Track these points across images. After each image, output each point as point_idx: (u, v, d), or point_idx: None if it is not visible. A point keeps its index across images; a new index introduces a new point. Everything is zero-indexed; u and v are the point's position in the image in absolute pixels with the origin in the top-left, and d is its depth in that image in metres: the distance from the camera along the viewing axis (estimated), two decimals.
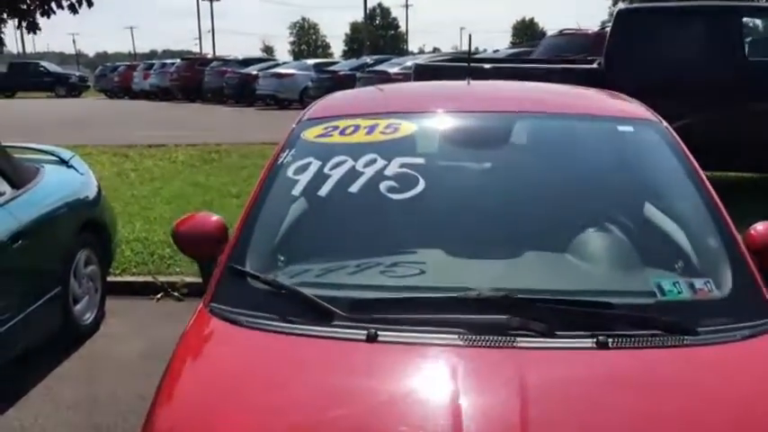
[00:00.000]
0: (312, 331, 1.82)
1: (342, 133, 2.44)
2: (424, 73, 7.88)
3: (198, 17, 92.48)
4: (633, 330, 1.77)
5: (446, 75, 7.24)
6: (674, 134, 2.47)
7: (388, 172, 2.26)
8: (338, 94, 3.15)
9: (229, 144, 12.07)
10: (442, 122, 2.60)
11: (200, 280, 2.31)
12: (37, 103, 26.63)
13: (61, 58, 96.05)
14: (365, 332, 1.77)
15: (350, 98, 3.20)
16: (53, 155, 5.14)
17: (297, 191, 2.26)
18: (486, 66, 7.98)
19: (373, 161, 2.29)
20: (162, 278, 5.62)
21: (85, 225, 4.76)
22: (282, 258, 2.16)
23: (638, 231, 2.23)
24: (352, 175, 2.26)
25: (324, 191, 2.24)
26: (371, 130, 2.43)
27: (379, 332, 1.77)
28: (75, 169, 5.07)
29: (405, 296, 1.90)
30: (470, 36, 3.54)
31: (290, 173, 2.33)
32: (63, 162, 5.08)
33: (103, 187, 8.62)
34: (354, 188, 2.23)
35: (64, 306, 4.39)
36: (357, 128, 2.45)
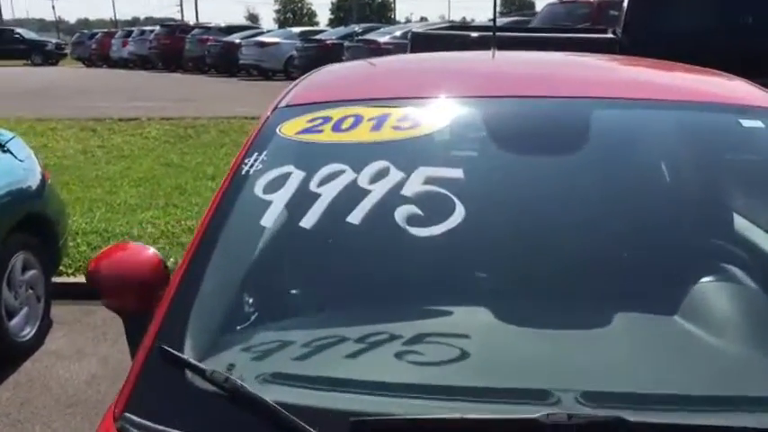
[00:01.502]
0: None
1: (336, 128, 1.66)
2: (421, 42, 7.10)
3: None
4: None
5: (447, 44, 6.52)
6: None
7: (407, 191, 1.48)
8: (330, 70, 2.32)
9: (207, 118, 11.19)
10: (483, 113, 1.79)
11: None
12: (7, 72, 25.36)
13: (41, 24, 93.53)
14: None
15: (346, 75, 2.33)
16: None
17: (268, 220, 1.48)
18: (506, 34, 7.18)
19: (384, 173, 1.52)
20: None
21: (24, 222, 3.96)
22: (243, 331, 1.39)
23: None
24: (353, 194, 1.49)
25: (309, 220, 1.46)
26: (380, 123, 1.65)
27: None
28: (13, 154, 4.23)
29: (443, 416, 1.13)
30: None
31: (258, 190, 1.54)
32: None
33: (64, 167, 7.82)
34: (356, 217, 1.45)
35: None
36: (358, 120, 1.66)
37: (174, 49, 26.50)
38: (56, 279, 4.45)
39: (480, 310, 1.40)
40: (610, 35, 7.10)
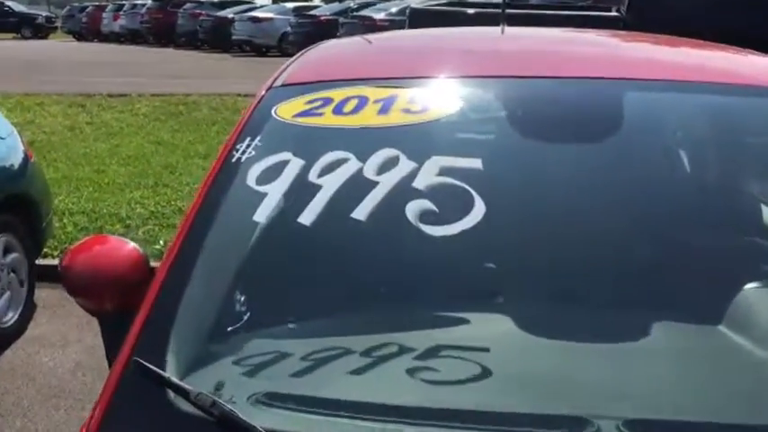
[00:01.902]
0: None
1: (338, 111, 1.49)
2: (420, 19, 6.85)
3: None
4: None
5: (448, 22, 6.30)
6: None
7: (419, 183, 1.32)
8: (329, 46, 2.14)
9: (199, 95, 10.94)
10: (503, 95, 1.61)
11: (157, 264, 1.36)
12: None
13: None
14: None
15: (348, 52, 2.13)
16: None
17: (262, 214, 1.31)
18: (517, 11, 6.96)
19: (393, 162, 1.35)
20: None
21: (5, 203, 3.78)
22: (234, 341, 1.23)
23: None
24: (358, 187, 1.33)
25: (309, 216, 1.29)
26: (387, 106, 1.48)
27: None
28: None
29: None
30: None
31: (251, 180, 1.37)
32: None
33: (51, 144, 7.60)
34: (362, 212, 1.29)
35: None
36: (363, 102, 1.49)
37: (166, 23, 26.07)
38: (40, 261, 4.28)
39: (503, 319, 1.24)
40: (614, 13, 6.89)
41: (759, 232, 1.45)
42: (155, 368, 1.10)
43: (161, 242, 4.88)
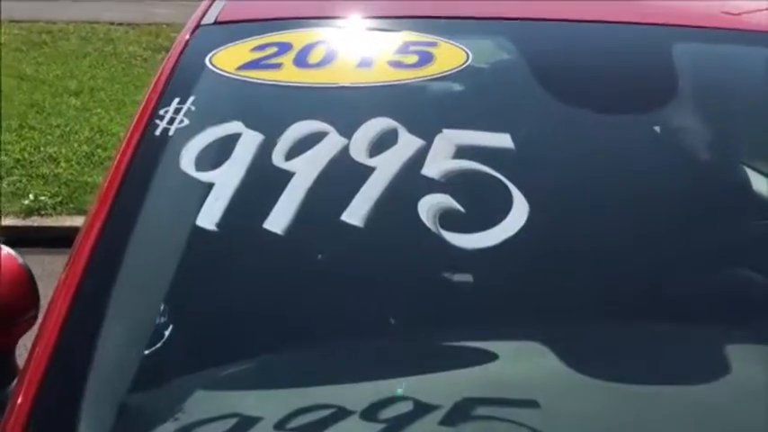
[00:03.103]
0: None
1: (301, 62, 1.07)
2: None
3: None
4: None
5: None
6: None
7: (431, 169, 0.94)
8: None
9: (65, 22, 9.84)
10: (532, 44, 1.21)
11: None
12: None
13: None
14: None
15: None
16: None
17: (208, 217, 0.90)
18: None
19: (391, 138, 0.97)
20: None
21: None
22: (168, 396, 0.84)
23: None
24: (346, 173, 0.94)
25: (278, 219, 0.90)
26: (371, 55, 1.08)
27: None
28: None
29: None
30: None
31: (186, 163, 0.95)
32: None
33: None
34: (355, 213, 0.90)
35: None
36: (335, 49, 1.08)
37: None
38: None
39: (531, 346, 0.90)
40: None
41: None
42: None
43: (30, 196, 4.26)
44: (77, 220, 4.03)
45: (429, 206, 0.91)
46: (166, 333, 0.89)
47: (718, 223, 1.03)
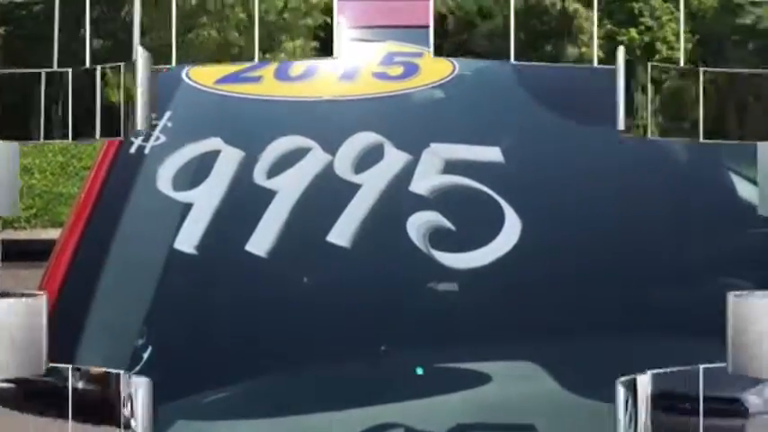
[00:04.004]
0: None
1: (282, 75, 1.03)
2: None
3: None
4: None
5: None
6: None
7: (419, 185, 0.91)
8: None
9: None
10: None
11: None
12: None
13: None
14: None
15: None
16: None
17: (186, 240, 0.86)
18: None
19: (377, 153, 0.94)
20: None
21: None
22: None
23: None
24: (331, 191, 0.91)
25: (260, 241, 0.86)
26: (355, 65, 1.04)
27: None
28: None
29: None
30: None
31: (163, 183, 0.91)
32: None
33: None
34: (342, 232, 0.87)
35: None
36: (315, 64, 1.04)
37: None
38: None
39: (544, 379, 0.87)
40: None
41: None
42: None
43: None
44: (52, 233, 3.95)
45: (418, 225, 0.88)
46: (144, 357, 0.85)
47: (711, 240, 1.01)
